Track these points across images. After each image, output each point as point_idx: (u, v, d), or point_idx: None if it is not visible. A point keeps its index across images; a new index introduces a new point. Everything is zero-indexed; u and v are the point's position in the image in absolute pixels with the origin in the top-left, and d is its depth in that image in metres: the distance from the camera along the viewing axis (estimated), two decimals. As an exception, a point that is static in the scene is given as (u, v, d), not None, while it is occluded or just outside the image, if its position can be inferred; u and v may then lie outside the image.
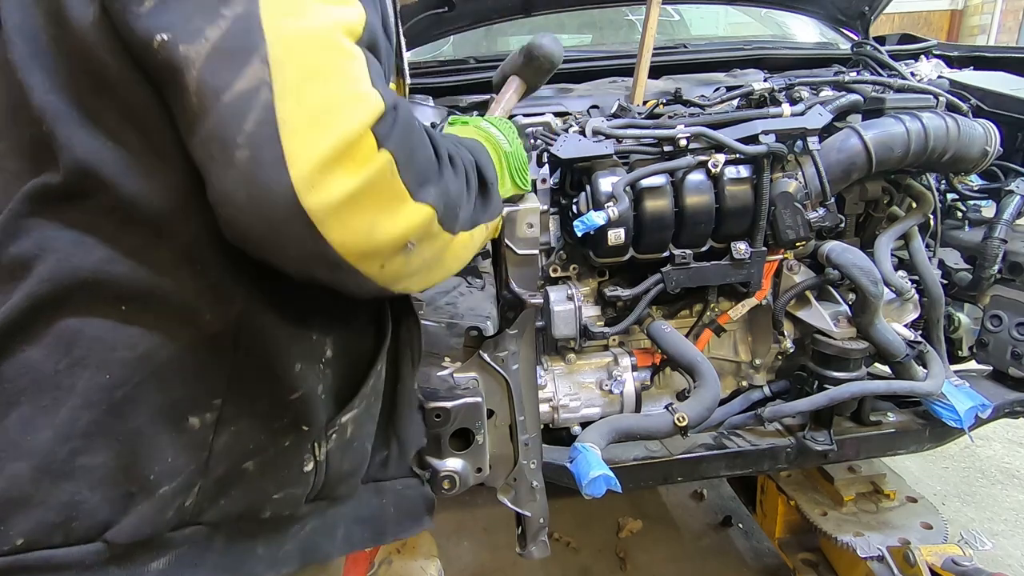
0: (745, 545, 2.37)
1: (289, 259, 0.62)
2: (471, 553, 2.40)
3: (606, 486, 1.21)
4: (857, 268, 1.39)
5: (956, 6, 7.81)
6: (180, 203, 0.63)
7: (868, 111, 1.50)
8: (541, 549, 1.28)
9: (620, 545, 2.40)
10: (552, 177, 1.45)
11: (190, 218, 0.64)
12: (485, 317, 1.20)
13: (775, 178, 1.40)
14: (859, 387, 1.43)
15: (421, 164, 0.66)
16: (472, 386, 1.15)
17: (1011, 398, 1.57)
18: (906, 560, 1.54)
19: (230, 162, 0.56)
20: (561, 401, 1.49)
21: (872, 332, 1.44)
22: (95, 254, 0.63)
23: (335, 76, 0.58)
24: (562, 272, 1.53)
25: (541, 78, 1.25)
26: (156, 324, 0.65)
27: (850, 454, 1.57)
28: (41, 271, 0.62)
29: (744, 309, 1.52)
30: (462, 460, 1.12)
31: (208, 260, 0.65)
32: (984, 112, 1.68)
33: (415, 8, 2.03)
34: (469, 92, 1.98)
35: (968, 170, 1.50)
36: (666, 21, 2.72)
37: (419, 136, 0.67)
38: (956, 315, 1.75)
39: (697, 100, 1.56)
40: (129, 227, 0.63)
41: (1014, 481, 2.64)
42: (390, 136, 0.60)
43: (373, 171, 0.59)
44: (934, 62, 1.81)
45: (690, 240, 1.42)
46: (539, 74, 1.24)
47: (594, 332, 1.46)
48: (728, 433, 1.55)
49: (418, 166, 0.65)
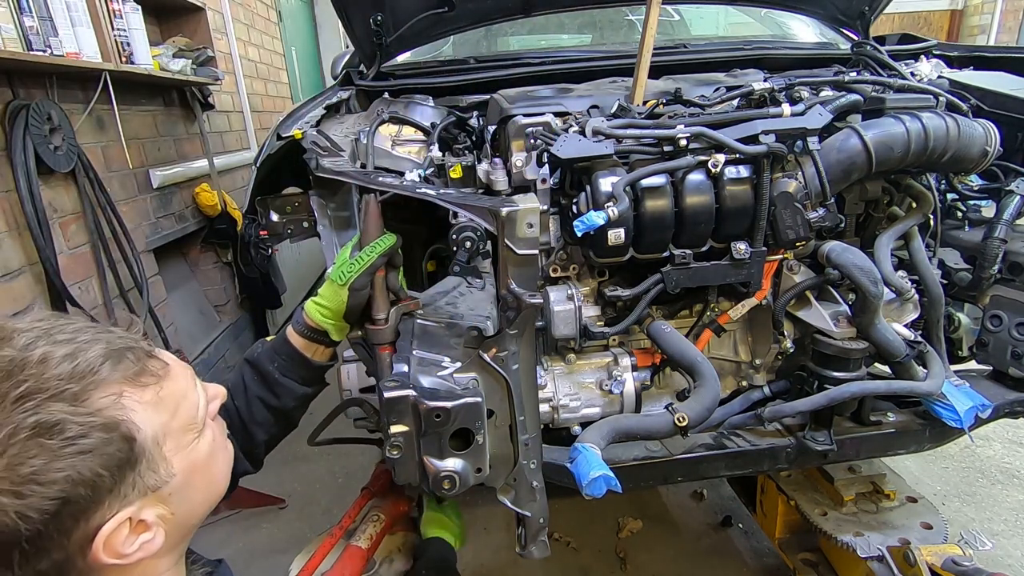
0: (745, 545, 2.37)
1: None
2: (471, 553, 2.39)
3: (606, 486, 1.21)
4: (857, 268, 1.39)
5: (956, 6, 7.81)
6: None
7: (868, 111, 1.49)
8: (541, 549, 1.28)
9: (620, 545, 2.40)
10: (552, 177, 1.45)
11: None
12: (485, 317, 1.19)
13: (775, 178, 1.40)
14: (859, 387, 1.43)
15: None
16: (472, 386, 1.15)
17: (1011, 398, 1.57)
18: (906, 560, 1.54)
19: None
20: (561, 401, 1.49)
21: (872, 332, 1.44)
22: None
23: None
24: (562, 272, 1.53)
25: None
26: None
27: (850, 454, 1.57)
28: None
29: (744, 309, 1.52)
30: (462, 460, 1.12)
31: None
32: (984, 112, 1.68)
33: (415, 8, 2.04)
34: (469, 92, 1.99)
35: (968, 170, 1.50)
36: (666, 21, 2.72)
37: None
38: (956, 315, 1.75)
39: (697, 100, 1.55)
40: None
41: (1014, 481, 2.64)
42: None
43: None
44: (934, 62, 1.81)
45: (690, 240, 1.42)
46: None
47: (594, 332, 1.46)
48: (728, 433, 1.55)
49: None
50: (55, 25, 2.15)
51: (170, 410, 0.78)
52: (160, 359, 0.80)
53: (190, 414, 0.81)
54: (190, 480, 0.79)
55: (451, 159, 1.57)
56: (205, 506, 0.85)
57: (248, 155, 4.25)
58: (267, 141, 1.66)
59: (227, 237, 3.60)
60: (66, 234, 2.38)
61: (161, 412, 0.76)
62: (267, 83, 4.96)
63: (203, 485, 0.83)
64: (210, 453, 0.84)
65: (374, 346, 1.20)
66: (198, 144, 3.58)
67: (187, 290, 3.54)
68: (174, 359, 0.83)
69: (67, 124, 2.33)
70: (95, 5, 2.37)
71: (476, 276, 1.32)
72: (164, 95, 3.27)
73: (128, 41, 2.60)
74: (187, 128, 3.49)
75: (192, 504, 0.81)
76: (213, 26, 3.60)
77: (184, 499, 0.79)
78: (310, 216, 1.48)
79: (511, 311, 1.14)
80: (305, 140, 1.45)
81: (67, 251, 2.37)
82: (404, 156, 1.63)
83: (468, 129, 1.80)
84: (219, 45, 3.75)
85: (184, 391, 0.81)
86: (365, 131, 1.62)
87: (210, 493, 0.85)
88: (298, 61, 5.97)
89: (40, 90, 2.28)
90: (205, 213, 3.50)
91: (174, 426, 0.78)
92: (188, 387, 0.82)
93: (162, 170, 3.11)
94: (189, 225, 3.41)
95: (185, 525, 0.81)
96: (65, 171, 2.33)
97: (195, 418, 0.82)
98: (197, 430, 0.81)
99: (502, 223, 1.12)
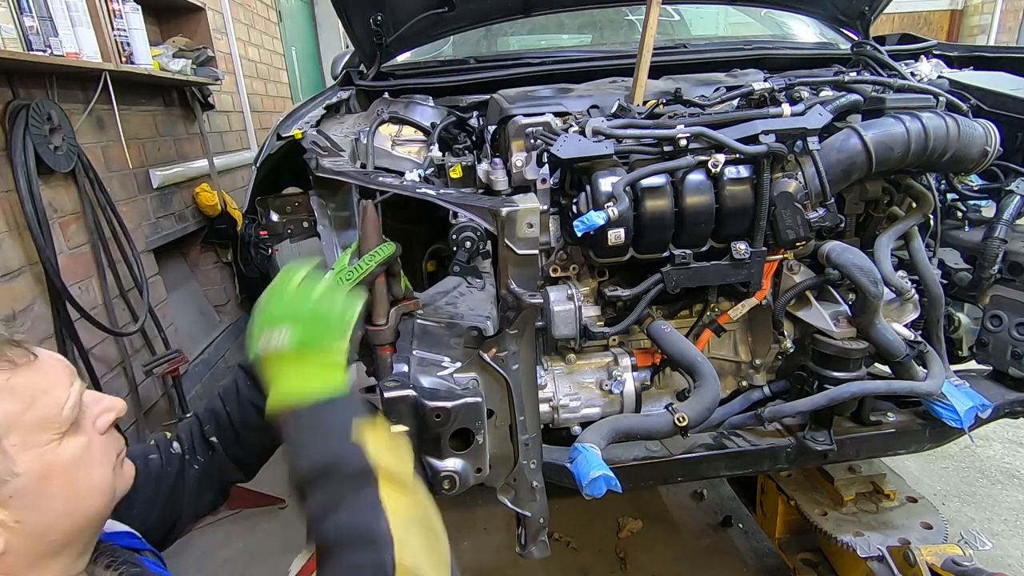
0: (745, 545, 2.37)
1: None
2: (471, 553, 2.40)
3: (606, 486, 1.21)
4: (857, 268, 1.39)
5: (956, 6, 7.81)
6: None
7: (868, 111, 1.49)
8: (541, 549, 1.28)
9: (620, 545, 2.40)
10: (552, 177, 1.45)
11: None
12: (485, 317, 1.19)
13: (775, 178, 1.40)
14: (859, 387, 1.43)
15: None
16: (472, 386, 1.15)
17: (1011, 398, 1.57)
18: (906, 560, 1.54)
19: None
20: (561, 401, 1.49)
21: (872, 332, 1.44)
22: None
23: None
24: (562, 272, 1.53)
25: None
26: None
27: (850, 454, 1.57)
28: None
29: (744, 309, 1.52)
30: (462, 460, 1.12)
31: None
32: (984, 112, 1.68)
33: (415, 8, 2.04)
34: (469, 92, 1.99)
35: (968, 170, 1.50)
36: (666, 21, 2.72)
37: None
38: (956, 315, 1.75)
39: (697, 100, 1.55)
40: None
41: (1014, 481, 2.64)
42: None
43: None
44: (934, 62, 1.81)
45: (690, 240, 1.42)
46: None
47: (594, 332, 1.46)
48: (728, 433, 1.55)
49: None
50: (55, 25, 2.15)
51: (22, 402, 0.71)
52: (25, 349, 0.74)
53: (50, 412, 0.73)
54: (43, 486, 0.72)
55: (451, 159, 1.57)
56: (67, 521, 0.75)
57: (248, 155, 4.24)
58: (267, 141, 1.66)
59: (227, 237, 3.60)
60: (66, 234, 2.38)
61: (7, 401, 0.70)
62: (267, 83, 4.96)
63: (62, 495, 0.74)
64: (76, 461, 0.75)
65: (374, 347, 1.20)
66: (198, 144, 3.57)
67: (187, 290, 3.54)
68: (51, 355, 0.78)
69: (67, 124, 2.33)
70: (95, 5, 2.37)
71: (476, 276, 1.32)
72: (164, 95, 3.27)
73: (128, 41, 2.60)
74: (187, 128, 3.49)
75: (47, 515, 0.72)
76: (213, 26, 3.60)
77: (34, 507, 0.71)
78: (310, 216, 1.48)
79: (511, 311, 1.14)
80: (305, 140, 1.45)
81: (67, 251, 2.37)
82: (404, 156, 1.63)
83: (468, 129, 1.80)
84: (219, 45, 3.75)
85: (48, 387, 0.74)
86: (365, 131, 1.62)
87: (73, 507, 0.75)
88: (298, 61, 5.97)
89: (40, 90, 2.28)
90: (205, 213, 3.50)
91: (25, 419, 0.71)
92: (56, 384, 0.75)
93: (162, 170, 3.11)
94: (189, 225, 3.41)
95: (41, 539, 0.72)
96: (65, 171, 2.33)
97: (56, 417, 0.74)
98: (58, 431, 0.73)
99: (502, 223, 1.12)
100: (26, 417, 0.71)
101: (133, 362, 2.70)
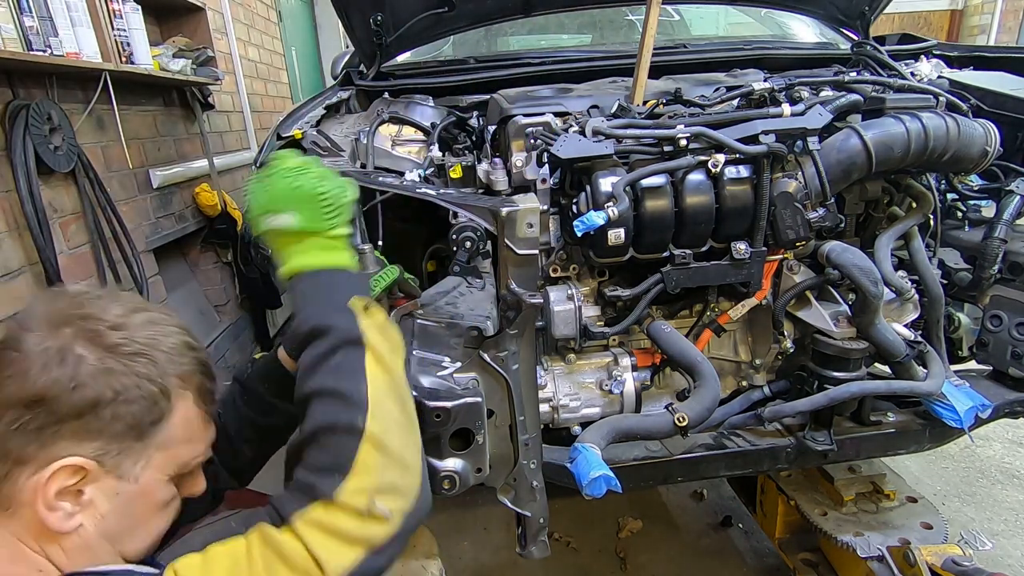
0: (745, 545, 2.37)
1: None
2: (471, 553, 2.39)
3: (606, 486, 1.21)
4: (857, 268, 1.39)
5: (956, 6, 7.81)
6: None
7: (868, 111, 1.49)
8: (541, 549, 1.28)
9: (620, 545, 2.40)
10: (552, 177, 1.45)
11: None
12: (485, 317, 1.19)
13: (775, 178, 1.40)
14: (859, 387, 1.43)
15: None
16: (472, 386, 1.15)
17: (1011, 398, 1.57)
18: (906, 560, 1.54)
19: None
20: (561, 401, 1.49)
21: (872, 332, 1.44)
22: None
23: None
24: (562, 272, 1.53)
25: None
26: None
27: (850, 454, 1.57)
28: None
29: (744, 309, 1.52)
30: (462, 460, 1.12)
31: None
32: (984, 112, 1.68)
33: (415, 8, 2.04)
34: (469, 92, 1.99)
35: (968, 170, 1.50)
36: (666, 21, 2.72)
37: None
38: (956, 315, 1.75)
39: (697, 100, 1.55)
40: None
41: (1014, 481, 2.64)
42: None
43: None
44: (934, 62, 1.81)
45: (690, 240, 1.42)
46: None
47: (594, 332, 1.46)
48: (728, 433, 1.55)
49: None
50: (55, 25, 2.14)
51: (185, 434, 0.82)
52: (215, 397, 0.88)
53: (187, 457, 0.84)
54: (135, 504, 0.80)
55: (451, 159, 1.57)
56: (126, 534, 0.81)
57: (248, 155, 4.24)
58: (267, 141, 1.66)
59: (227, 237, 3.59)
60: (66, 234, 2.38)
61: (182, 428, 0.81)
62: (267, 83, 4.95)
63: (138, 515, 0.81)
64: (163, 503, 0.83)
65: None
66: (198, 144, 3.57)
67: (187, 290, 3.54)
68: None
69: (67, 124, 2.33)
70: (95, 5, 2.37)
71: (476, 276, 1.32)
72: (164, 95, 3.27)
73: (128, 41, 2.60)
74: (187, 128, 3.49)
75: (122, 520, 0.79)
76: (213, 26, 3.60)
77: (119, 513, 0.78)
78: (310, 216, 1.48)
79: (511, 311, 1.14)
80: (305, 140, 1.45)
81: (67, 251, 2.37)
82: (404, 156, 1.63)
83: (468, 129, 1.81)
84: (219, 45, 3.75)
85: (201, 436, 0.86)
86: (365, 131, 1.62)
87: (132, 534, 0.82)
88: (298, 61, 5.97)
89: (40, 90, 2.28)
90: (205, 213, 3.49)
91: (174, 448, 0.81)
92: (204, 437, 0.87)
93: (162, 170, 3.11)
94: (189, 225, 3.41)
95: (109, 536, 0.79)
96: (65, 171, 2.32)
97: (187, 464, 0.84)
98: (175, 473, 0.83)
99: (502, 223, 1.12)
100: (177, 448, 0.81)
101: (133, 362, 2.69)
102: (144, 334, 0.79)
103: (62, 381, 0.72)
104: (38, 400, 0.72)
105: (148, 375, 0.77)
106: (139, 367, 0.77)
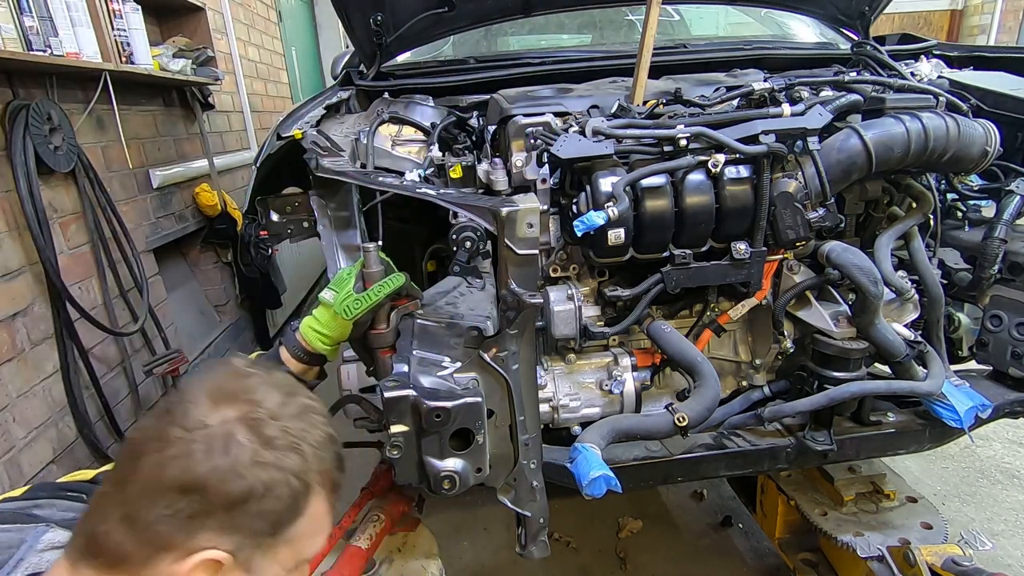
0: (745, 545, 2.37)
1: None
2: (471, 553, 2.39)
3: (606, 486, 1.21)
4: (857, 268, 1.39)
5: (956, 6, 7.81)
6: None
7: (868, 111, 1.49)
8: (541, 549, 1.28)
9: (620, 545, 2.40)
10: (552, 177, 1.45)
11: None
12: (485, 317, 1.19)
13: (775, 178, 1.40)
14: (859, 387, 1.43)
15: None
16: (472, 386, 1.15)
17: (1011, 398, 1.57)
18: (906, 560, 1.54)
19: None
20: (561, 401, 1.49)
21: (872, 332, 1.44)
22: None
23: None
24: (562, 272, 1.53)
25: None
26: None
27: (850, 454, 1.57)
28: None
29: (744, 309, 1.52)
30: (462, 460, 1.12)
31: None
32: (984, 112, 1.68)
33: (415, 8, 2.04)
34: (469, 92, 1.98)
35: (968, 170, 1.50)
36: (666, 21, 2.72)
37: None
38: (956, 315, 1.75)
39: (697, 100, 1.55)
40: None
41: (1014, 481, 2.64)
42: None
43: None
44: (934, 62, 1.81)
45: (690, 240, 1.42)
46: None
47: (594, 332, 1.46)
48: (728, 433, 1.55)
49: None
50: (55, 25, 2.15)
51: (311, 532, 0.81)
52: (338, 487, 0.87)
53: (308, 551, 0.83)
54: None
55: (451, 159, 1.57)
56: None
57: (248, 155, 4.24)
58: (267, 141, 1.66)
59: (227, 237, 3.59)
60: (66, 234, 2.38)
61: (307, 523, 0.80)
62: (267, 83, 4.96)
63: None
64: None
65: (375, 349, 1.20)
66: (198, 144, 3.57)
67: (187, 290, 3.54)
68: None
69: (67, 124, 2.33)
70: (95, 5, 2.37)
71: (476, 276, 1.32)
72: (164, 95, 3.27)
73: (128, 41, 2.60)
74: (187, 128, 3.49)
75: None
76: (213, 26, 3.60)
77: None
78: (310, 216, 1.48)
79: (511, 311, 1.14)
80: (305, 140, 1.45)
81: (67, 251, 2.37)
82: (404, 156, 1.63)
83: (468, 129, 1.80)
84: (219, 45, 3.75)
85: (323, 531, 0.84)
86: (365, 131, 1.62)
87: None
88: (298, 61, 5.97)
89: (40, 90, 2.28)
90: (205, 213, 3.50)
91: (299, 544, 0.80)
92: (325, 533, 0.86)
93: (162, 170, 3.11)
94: (189, 225, 3.41)
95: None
96: (65, 171, 2.32)
97: (305, 560, 0.83)
98: (293, 569, 0.82)
99: (502, 223, 1.12)
100: (302, 542, 0.80)
101: (133, 362, 2.70)
102: (298, 426, 0.79)
103: (222, 470, 0.71)
104: (198, 488, 0.70)
105: (295, 471, 0.76)
106: (288, 462, 0.76)
